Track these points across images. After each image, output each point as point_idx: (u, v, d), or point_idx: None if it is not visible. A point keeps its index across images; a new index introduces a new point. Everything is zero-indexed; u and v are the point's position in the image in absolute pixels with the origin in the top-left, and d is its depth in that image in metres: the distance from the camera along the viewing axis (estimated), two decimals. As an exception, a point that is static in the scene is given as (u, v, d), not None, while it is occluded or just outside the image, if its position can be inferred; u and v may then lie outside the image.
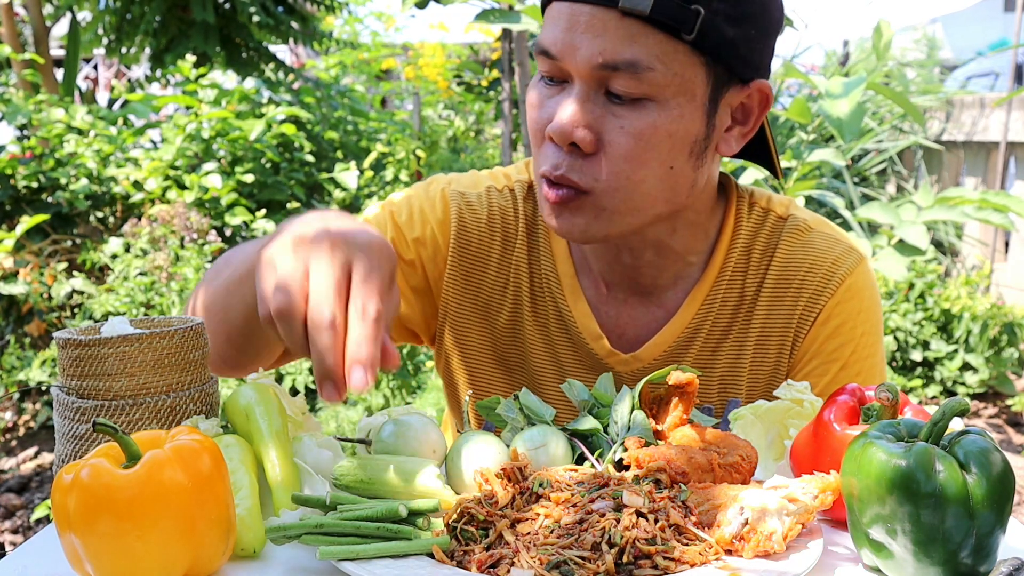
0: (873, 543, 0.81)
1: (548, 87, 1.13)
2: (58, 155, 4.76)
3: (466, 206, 1.31)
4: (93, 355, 0.95)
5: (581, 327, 1.26)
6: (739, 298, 1.25)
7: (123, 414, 0.95)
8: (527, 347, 1.30)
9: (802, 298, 1.23)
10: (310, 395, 4.05)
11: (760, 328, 1.24)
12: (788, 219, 1.26)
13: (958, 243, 6.06)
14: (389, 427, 1.01)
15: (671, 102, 1.08)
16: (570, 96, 1.09)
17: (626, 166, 1.09)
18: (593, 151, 1.09)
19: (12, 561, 0.88)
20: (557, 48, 1.08)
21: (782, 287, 1.24)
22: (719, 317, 1.25)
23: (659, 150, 1.10)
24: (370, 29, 9.11)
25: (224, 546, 0.82)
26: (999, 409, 4.73)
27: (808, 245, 1.24)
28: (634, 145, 1.08)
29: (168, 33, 6.36)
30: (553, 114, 1.10)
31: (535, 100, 1.15)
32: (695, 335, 1.25)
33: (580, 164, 1.10)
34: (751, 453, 0.94)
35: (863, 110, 2.58)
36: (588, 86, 1.08)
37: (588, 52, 1.05)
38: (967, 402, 0.78)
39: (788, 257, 1.24)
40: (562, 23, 1.08)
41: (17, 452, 4.11)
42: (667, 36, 1.05)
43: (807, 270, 1.23)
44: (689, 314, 1.25)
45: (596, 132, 1.09)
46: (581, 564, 0.76)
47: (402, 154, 5.52)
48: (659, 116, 1.08)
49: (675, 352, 1.25)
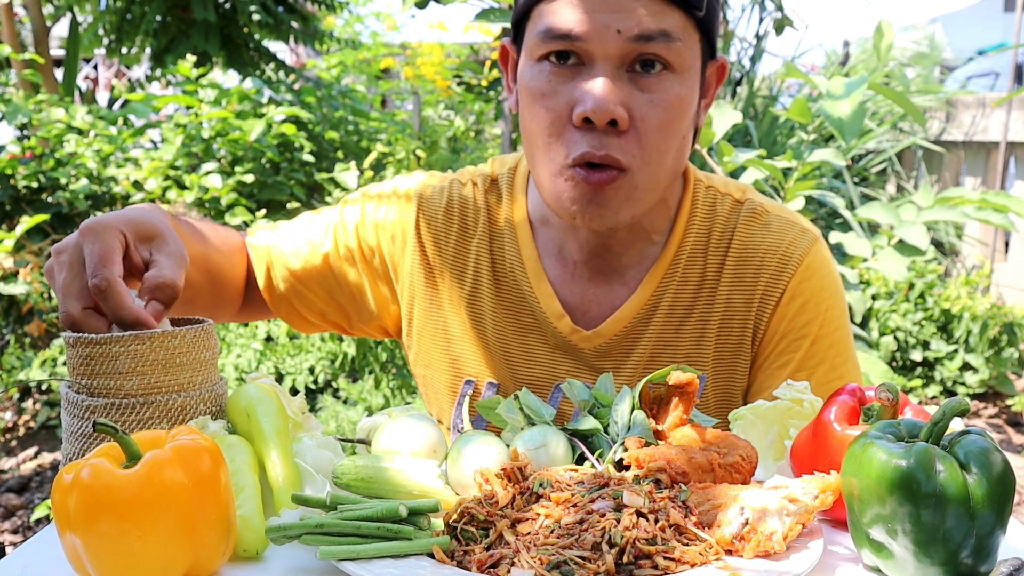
0: (873, 543, 0.81)
1: (558, 73, 1.14)
2: (58, 155, 4.76)
3: (426, 195, 1.38)
4: (104, 353, 0.95)
5: (544, 307, 1.30)
6: (700, 277, 1.29)
7: (134, 413, 0.95)
8: (491, 326, 1.33)
9: (762, 279, 1.28)
10: (310, 395, 4.06)
11: (723, 308, 1.28)
12: (745, 203, 1.32)
13: (958, 243, 6.07)
14: (389, 427, 1.02)
15: (685, 75, 1.15)
16: (597, 76, 1.12)
17: (658, 138, 1.15)
18: (627, 128, 1.13)
19: (12, 561, 0.88)
20: (583, 29, 1.11)
21: (742, 268, 1.28)
22: (679, 294, 1.29)
23: (681, 121, 1.17)
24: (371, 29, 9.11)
25: (224, 546, 0.82)
26: (999, 409, 4.73)
27: (765, 228, 1.29)
28: (664, 116, 1.14)
29: (168, 33, 6.36)
30: (576, 98, 1.13)
31: (546, 88, 1.15)
32: (655, 311, 1.29)
33: (618, 142, 1.13)
34: (751, 453, 0.94)
35: (864, 111, 2.58)
36: (615, 65, 1.12)
37: (624, 26, 1.10)
38: (967, 402, 0.78)
39: (747, 239, 1.29)
40: (586, 6, 1.11)
41: (17, 452, 4.11)
42: (683, 12, 1.13)
43: (765, 252, 1.28)
44: (649, 290, 1.29)
45: (628, 108, 1.13)
46: (581, 564, 0.76)
47: (402, 154, 5.52)
48: (680, 87, 1.15)
49: (636, 327, 1.29)
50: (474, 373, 1.34)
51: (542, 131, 1.17)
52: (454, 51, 8.44)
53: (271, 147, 4.98)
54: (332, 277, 1.38)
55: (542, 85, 1.16)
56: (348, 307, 1.41)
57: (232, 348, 3.99)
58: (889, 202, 4.88)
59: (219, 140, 4.93)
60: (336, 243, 1.38)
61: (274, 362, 4.05)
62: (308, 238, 1.39)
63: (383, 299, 1.39)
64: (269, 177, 4.94)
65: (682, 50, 1.13)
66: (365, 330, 1.45)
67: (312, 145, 5.31)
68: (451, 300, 1.35)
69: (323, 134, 5.70)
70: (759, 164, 2.72)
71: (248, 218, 4.52)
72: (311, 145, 5.28)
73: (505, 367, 1.32)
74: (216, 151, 4.96)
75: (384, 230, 1.37)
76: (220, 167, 4.82)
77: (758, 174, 2.77)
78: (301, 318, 1.42)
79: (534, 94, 1.17)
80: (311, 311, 1.41)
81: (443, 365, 1.37)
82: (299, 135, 5.15)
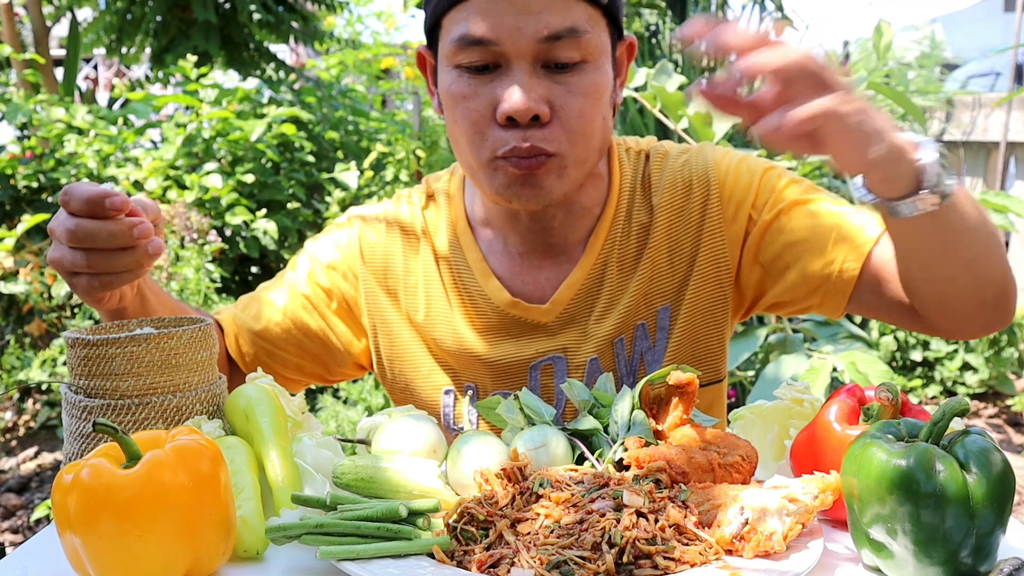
0: (873, 543, 0.81)
1: (475, 77, 1.20)
2: (58, 155, 4.76)
3: (364, 221, 1.45)
4: (101, 355, 0.96)
5: (496, 301, 1.36)
6: (638, 226, 1.37)
7: (129, 413, 0.96)
8: (455, 333, 1.38)
9: (692, 200, 1.35)
10: (310, 395, 4.05)
11: (666, 241, 1.35)
12: (651, 151, 1.41)
13: (958, 243, 6.05)
14: (389, 427, 1.02)
15: (598, 61, 1.21)
16: (514, 77, 1.17)
17: (579, 123, 1.21)
18: (549, 120, 1.19)
19: (12, 561, 0.88)
20: (496, 33, 1.16)
21: (667, 202, 1.36)
22: (623, 250, 1.36)
23: (599, 104, 1.23)
24: (371, 29, 9.11)
25: (224, 546, 0.82)
26: (999, 409, 4.73)
27: (669, 160, 1.39)
28: (583, 103, 1.20)
29: (169, 33, 6.36)
30: (497, 98, 1.18)
31: (466, 91, 1.20)
32: (604, 269, 1.35)
33: (542, 134, 1.19)
34: (751, 453, 0.94)
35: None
36: (530, 63, 1.17)
37: (533, 28, 1.15)
38: (967, 402, 0.78)
39: (660, 178, 1.38)
40: (495, 10, 1.16)
41: (17, 452, 4.11)
42: (588, 4, 1.19)
43: (679, 179, 1.37)
44: (594, 254, 1.35)
45: (548, 102, 1.18)
46: (581, 564, 0.76)
47: (402, 154, 5.52)
48: (594, 75, 1.21)
49: (589, 288, 1.35)
50: (450, 382, 1.39)
51: (467, 131, 1.22)
52: (454, 51, 8.42)
53: (271, 147, 4.98)
54: (296, 329, 1.42)
55: (463, 88, 1.21)
56: (321, 354, 1.44)
57: (232, 348, 3.99)
58: (889, 202, 4.86)
59: (219, 140, 4.93)
60: (292, 296, 1.42)
61: (274, 362, 4.04)
62: (267, 299, 1.44)
63: (348, 338, 1.43)
64: (269, 177, 4.94)
65: (591, 40, 1.19)
66: (344, 372, 1.48)
67: (312, 145, 5.31)
68: (411, 319, 1.40)
69: (323, 134, 5.69)
70: (759, 164, 2.71)
71: (248, 218, 4.52)
72: (311, 145, 5.27)
73: (479, 367, 1.36)
74: (216, 151, 4.96)
75: (335, 271, 1.42)
76: (220, 167, 4.82)
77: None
78: (281, 376, 1.44)
79: (455, 98, 1.22)
80: (286, 368, 1.44)
81: (419, 382, 1.41)
82: (299, 135, 5.15)
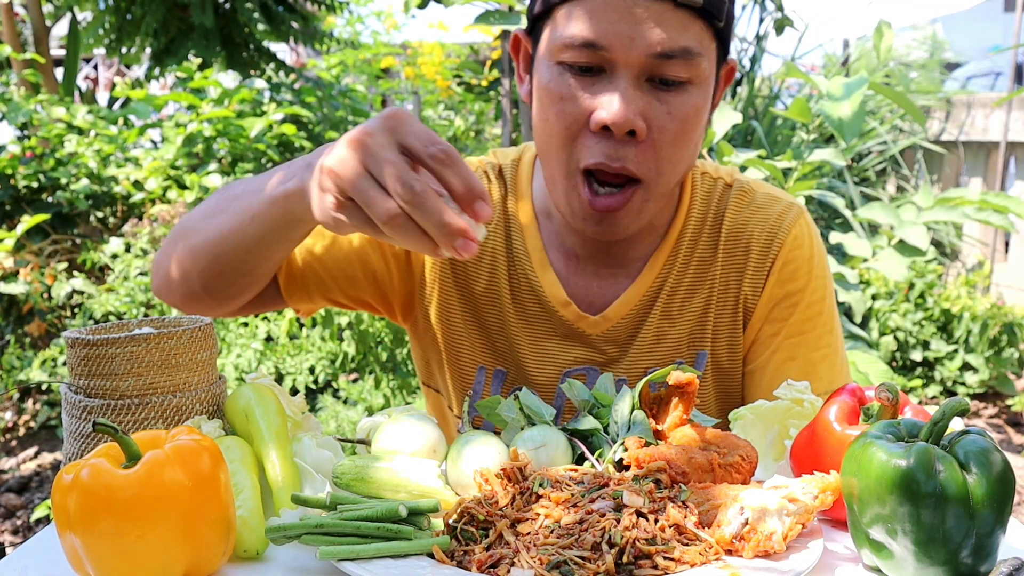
0: (873, 543, 0.81)
1: (578, 78, 1.15)
2: (58, 155, 4.76)
3: None
4: (101, 355, 0.96)
5: (550, 296, 1.33)
6: (698, 259, 1.34)
7: (129, 413, 0.96)
8: (504, 314, 1.35)
9: (753, 253, 1.32)
10: (310, 395, 4.05)
11: (720, 283, 1.33)
12: (734, 184, 1.37)
13: (958, 243, 6.06)
14: (389, 427, 1.01)
15: (703, 84, 1.17)
16: (618, 86, 1.13)
17: (672, 149, 1.17)
18: (644, 138, 1.15)
19: (12, 561, 0.88)
20: (608, 39, 1.11)
21: (733, 245, 1.33)
22: (680, 277, 1.33)
23: (695, 130, 1.19)
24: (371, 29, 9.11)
25: (224, 546, 0.82)
26: (999, 409, 4.73)
27: (753, 204, 1.34)
28: (679, 128, 1.16)
29: (168, 33, 6.36)
30: (595, 105, 1.14)
31: (565, 92, 1.16)
32: (658, 294, 1.33)
33: (634, 153, 1.15)
34: (751, 453, 0.94)
35: (864, 111, 2.58)
36: (636, 75, 1.13)
37: (646, 42, 1.11)
38: (967, 402, 0.78)
39: (736, 217, 1.34)
40: (611, 15, 1.11)
41: (17, 452, 4.11)
42: (705, 23, 1.14)
43: (755, 227, 1.33)
44: (652, 275, 1.33)
45: (646, 119, 1.14)
46: (581, 564, 0.76)
47: (402, 154, 5.50)
48: (697, 98, 1.17)
49: (640, 311, 1.32)
50: (483, 361, 1.36)
51: (558, 133, 1.18)
52: (454, 51, 8.43)
53: (271, 147, 4.98)
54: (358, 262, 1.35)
55: (561, 88, 1.16)
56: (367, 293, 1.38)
57: (232, 348, 3.99)
58: (889, 202, 4.88)
59: (219, 140, 4.93)
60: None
61: (274, 362, 4.04)
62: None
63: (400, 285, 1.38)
64: (269, 177, 4.94)
65: (701, 63, 1.15)
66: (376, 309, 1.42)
67: (312, 145, 5.31)
68: (468, 290, 1.36)
69: (323, 134, 5.70)
70: (759, 164, 2.72)
71: (248, 218, 4.52)
72: (311, 145, 5.28)
73: (514, 355, 1.34)
74: (216, 151, 4.96)
75: None
76: (220, 167, 4.82)
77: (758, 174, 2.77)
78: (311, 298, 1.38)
79: (552, 96, 1.17)
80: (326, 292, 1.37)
81: (456, 352, 1.38)
82: (299, 135, 5.15)
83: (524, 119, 3.97)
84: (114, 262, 4.30)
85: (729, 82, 1.29)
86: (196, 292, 1.26)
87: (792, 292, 1.32)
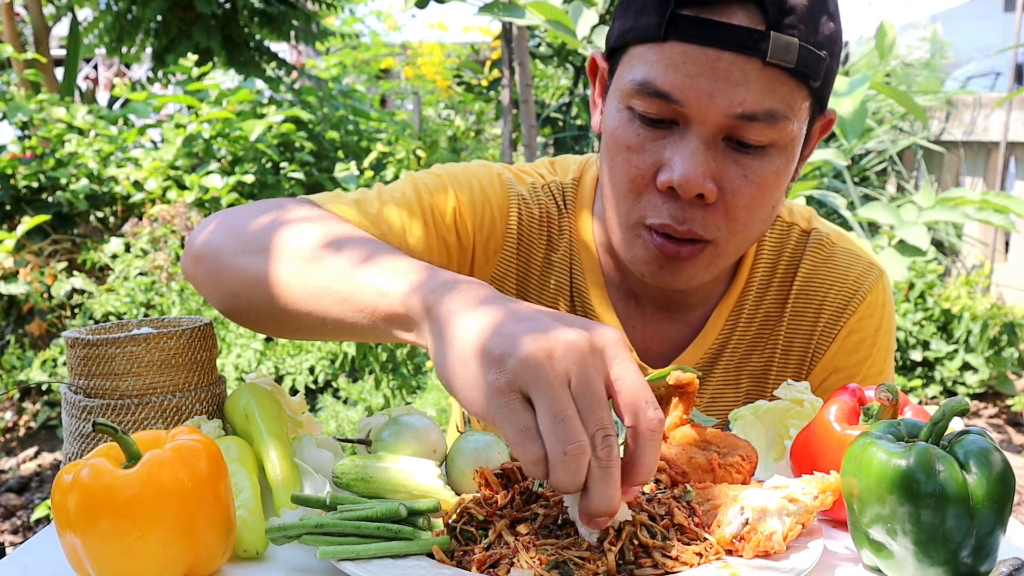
0: (873, 543, 0.81)
1: (647, 129, 1.06)
2: (58, 155, 4.76)
3: (522, 200, 1.25)
4: (101, 355, 0.96)
5: None
6: (764, 314, 1.25)
7: (129, 413, 0.96)
8: None
9: (824, 314, 1.24)
10: (310, 395, 4.05)
11: (784, 342, 1.25)
12: (811, 233, 1.26)
13: (958, 243, 6.06)
14: (389, 427, 1.01)
15: (789, 147, 1.06)
16: (690, 144, 1.03)
17: (745, 213, 1.07)
18: (714, 200, 1.05)
19: (12, 561, 0.88)
20: (683, 93, 1.01)
21: (804, 303, 1.24)
22: (744, 333, 1.25)
23: (774, 195, 1.09)
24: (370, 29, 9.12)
25: (224, 546, 0.82)
26: (999, 409, 4.73)
27: (830, 261, 1.25)
28: (756, 193, 1.06)
29: (169, 33, 6.36)
30: (662, 161, 1.05)
31: (632, 142, 1.06)
32: (722, 351, 1.24)
33: (702, 215, 1.06)
34: (751, 453, 0.94)
35: (865, 110, 2.58)
36: (712, 133, 1.03)
37: (727, 100, 1.00)
38: (967, 402, 0.78)
39: (811, 273, 1.24)
40: (691, 67, 1.01)
41: (17, 452, 4.11)
42: (798, 84, 1.03)
43: (829, 287, 1.24)
44: (715, 330, 1.24)
45: (718, 182, 1.05)
46: (581, 564, 0.76)
47: (402, 154, 5.52)
48: (779, 162, 1.06)
49: (702, 367, 1.24)
50: None
51: (622, 186, 1.09)
52: (454, 51, 8.44)
53: (271, 147, 4.98)
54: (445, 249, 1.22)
55: (630, 138, 1.06)
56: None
57: (232, 348, 3.99)
58: (890, 202, 4.88)
59: (219, 140, 4.93)
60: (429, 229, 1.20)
61: (274, 362, 4.05)
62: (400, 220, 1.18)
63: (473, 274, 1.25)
64: (269, 177, 4.94)
65: (787, 127, 1.03)
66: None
67: (312, 145, 5.32)
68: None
69: (323, 134, 5.70)
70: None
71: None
72: (311, 145, 5.28)
73: None
74: (216, 151, 4.96)
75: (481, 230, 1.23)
76: (220, 167, 4.82)
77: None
78: None
79: (619, 143, 1.08)
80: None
81: None
82: (299, 135, 5.15)
83: (524, 119, 3.97)
84: (114, 262, 4.30)
85: (824, 134, 1.18)
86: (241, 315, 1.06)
87: (852, 364, 1.24)
